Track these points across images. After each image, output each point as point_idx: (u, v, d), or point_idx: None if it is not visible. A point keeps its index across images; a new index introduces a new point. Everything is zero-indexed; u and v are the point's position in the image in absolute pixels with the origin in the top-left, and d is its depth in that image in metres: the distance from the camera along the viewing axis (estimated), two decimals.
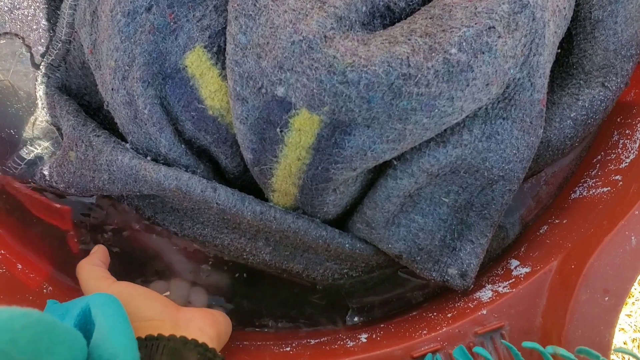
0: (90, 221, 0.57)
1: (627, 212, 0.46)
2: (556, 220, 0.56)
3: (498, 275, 0.53)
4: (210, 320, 0.44)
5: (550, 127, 0.52)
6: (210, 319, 0.45)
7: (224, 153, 0.50)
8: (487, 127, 0.47)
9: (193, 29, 0.46)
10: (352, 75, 0.39)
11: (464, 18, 0.41)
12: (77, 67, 0.53)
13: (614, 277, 0.44)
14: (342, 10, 0.42)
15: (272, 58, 0.41)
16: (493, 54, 0.41)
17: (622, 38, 0.51)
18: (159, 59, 0.46)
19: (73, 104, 0.52)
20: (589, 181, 0.56)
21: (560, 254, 0.49)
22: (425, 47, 0.40)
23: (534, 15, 0.43)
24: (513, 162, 0.48)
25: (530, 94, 0.46)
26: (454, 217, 0.52)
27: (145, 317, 0.42)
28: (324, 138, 0.43)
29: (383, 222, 0.50)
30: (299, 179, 0.47)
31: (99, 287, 0.44)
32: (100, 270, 0.47)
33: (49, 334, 0.28)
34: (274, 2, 0.42)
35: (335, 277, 0.56)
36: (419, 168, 0.47)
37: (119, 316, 0.35)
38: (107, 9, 0.45)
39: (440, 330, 0.48)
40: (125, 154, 0.48)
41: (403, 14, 0.45)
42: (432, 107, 0.41)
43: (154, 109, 0.46)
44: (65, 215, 0.56)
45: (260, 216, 0.49)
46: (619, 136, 0.55)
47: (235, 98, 0.44)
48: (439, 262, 0.52)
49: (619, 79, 0.52)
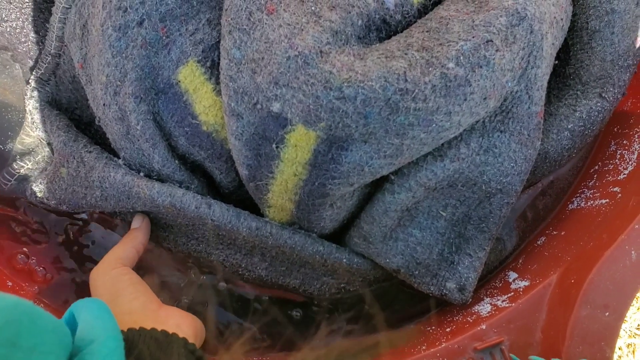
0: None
1: (627, 226, 0.45)
2: (554, 232, 0.56)
3: (497, 288, 0.53)
4: (189, 321, 0.45)
5: (548, 138, 0.52)
6: (188, 319, 0.45)
7: (218, 168, 0.49)
8: (485, 140, 0.46)
9: (186, 43, 0.45)
10: (348, 91, 0.39)
11: (461, 31, 0.41)
12: (68, 81, 0.52)
13: (614, 292, 0.44)
14: (337, 25, 0.41)
15: (267, 73, 0.40)
16: (491, 68, 0.41)
17: (619, 48, 0.51)
18: (152, 74, 0.45)
19: (64, 118, 0.51)
20: (587, 192, 0.55)
21: (560, 268, 0.49)
22: (422, 62, 0.40)
23: (532, 28, 0.42)
24: (511, 175, 0.48)
25: (528, 107, 0.46)
26: (452, 231, 0.51)
27: (127, 310, 0.42)
28: (321, 154, 0.43)
29: (380, 236, 0.50)
30: (295, 195, 0.46)
31: (105, 269, 0.46)
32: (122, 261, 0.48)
33: (29, 316, 0.28)
34: (268, 16, 0.41)
35: (333, 292, 0.55)
36: (417, 182, 0.46)
37: (102, 310, 0.35)
38: (97, 23, 0.44)
39: (440, 346, 0.47)
40: (118, 171, 0.47)
41: (399, 26, 0.45)
42: (430, 122, 0.41)
43: (147, 125, 0.46)
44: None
45: (256, 232, 0.48)
46: (617, 146, 0.55)
47: (230, 114, 0.43)
48: (437, 276, 0.52)
49: (616, 89, 0.52)
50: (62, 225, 0.56)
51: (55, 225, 0.56)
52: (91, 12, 0.45)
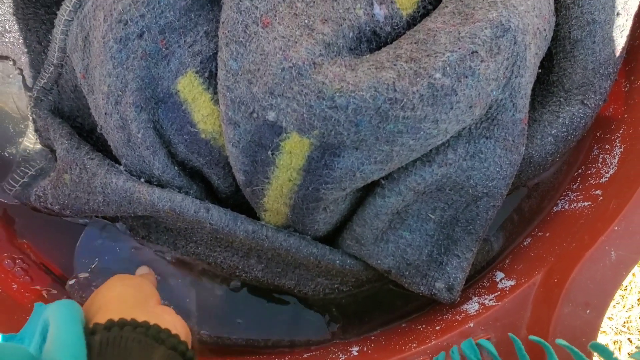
0: None
1: (607, 228, 0.47)
2: (539, 233, 0.58)
3: (484, 288, 0.55)
4: (181, 322, 0.45)
5: (532, 144, 0.54)
6: (180, 321, 0.45)
7: (216, 174, 0.51)
8: (471, 146, 0.48)
9: (185, 55, 0.47)
10: (340, 101, 0.41)
11: (448, 43, 0.42)
12: (70, 90, 0.53)
13: (595, 291, 0.46)
14: (330, 37, 0.43)
15: (263, 84, 0.42)
16: (476, 78, 0.42)
17: (600, 57, 0.52)
18: (152, 84, 0.47)
19: (66, 126, 0.53)
20: (571, 195, 0.57)
21: (544, 268, 0.51)
22: (410, 72, 0.41)
23: (516, 39, 0.44)
24: (496, 179, 0.50)
25: (513, 114, 0.48)
26: (441, 233, 0.53)
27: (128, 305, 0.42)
28: (314, 160, 0.44)
29: (372, 238, 0.51)
30: (290, 199, 0.48)
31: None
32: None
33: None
34: (263, 29, 0.43)
35: (327, 292, 0.57)
36: (406, 186, 0.48)
37: (68, 321, 0.35)
38: (99, 35, 0.46)
39: (429, 344, 0.49)
40: (120, 177, 0.49)
41: (389, 38, 0.46)
42: (418, 129, 0.42)
43: (147, 133, 0.47)
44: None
45: (253, 235, 0.50)
46: (599, 151, 0.57)
47: (227, 122, 0.45)
48: (426, 276, 0.54)
49: (598, 96, 0.54)
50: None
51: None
52: (93, 24, 0.47)
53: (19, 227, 0.59)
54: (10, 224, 0.58)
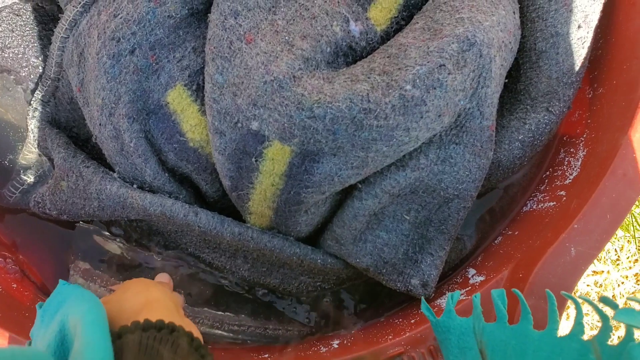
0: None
1: (567, 226, 0.50)
2: (509, 232, 0.61)
3: (457, 283, 0.58)
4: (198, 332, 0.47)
5: (500, 149, 0.57)
6: (197, 331, 0.47)
7: (204, 180, 0.54)
8: (442, 151, 0.51)
9: (174, 69, 0.50)
10: (318, 111, 0.44)
11: (418, 57, 0.45)
12: (66, 102, 0.56)
13: (556, 285, 0.49)
14: (308, 52, 0.46)
15: (246, 96, 0.45)
16: (444, 89, 0.45)
17: (563, 67, 0.55)
18: (143, 97, 0.50)
19: (63, 136, 0.56)
20: (539, 195, 0.61)
21: (511, 264, 0.54)
22: (383, 85, 0.45)
23: (481, 53, 0.47)
24: (466, 182, 0.53)
25: (480, 122, 0.51)
26: (415, 233, 0.56)
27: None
28: (295, 166, 0.48)
29: (351, 238, 0.55)
30: (273, 202, 0.51)
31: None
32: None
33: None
34: (247, 45, 0.46)
35: (310, 290, 0.60)
36: (382, 190, 0.52)
37: (96, 331, 0.34)
38: (93, 51, 0.49)
39: (404, 335, 0.52)
40: (114, 183, 0.52)
41: (364, 52, 0.50)
42: (391, 137, 0.46)
43: (139, 142, 0.51)
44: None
45: (239, 236, 0.53)
46: (565, 154, 0.60)
47: (214, 132, 0.48)
48: (402, 273, 0.57)
49: (562, 104, 0.57)
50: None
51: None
52: (87, 41, 0.50)
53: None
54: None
